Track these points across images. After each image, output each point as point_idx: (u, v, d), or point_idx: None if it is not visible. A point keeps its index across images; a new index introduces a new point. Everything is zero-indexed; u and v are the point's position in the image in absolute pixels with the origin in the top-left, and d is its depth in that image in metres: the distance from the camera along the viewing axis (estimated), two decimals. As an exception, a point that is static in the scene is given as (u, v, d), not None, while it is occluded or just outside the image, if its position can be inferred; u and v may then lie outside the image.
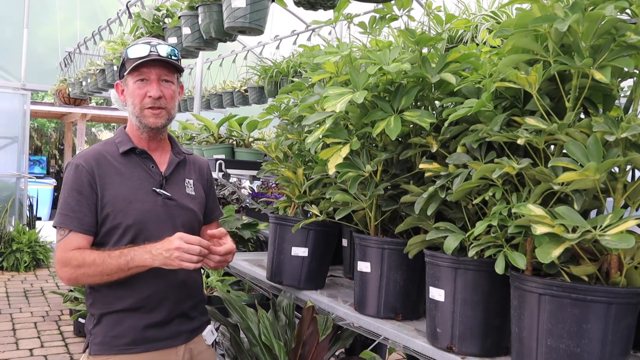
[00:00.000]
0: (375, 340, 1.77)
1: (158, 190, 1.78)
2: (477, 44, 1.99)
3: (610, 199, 1.22)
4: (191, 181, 1.89)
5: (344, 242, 2.27)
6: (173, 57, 1.78)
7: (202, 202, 1.92)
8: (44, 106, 10.16)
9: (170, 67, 1.78)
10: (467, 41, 2.48)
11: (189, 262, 1.59)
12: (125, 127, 1.87)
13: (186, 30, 2.75)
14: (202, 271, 2.91)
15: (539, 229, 1.08)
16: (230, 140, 2.90)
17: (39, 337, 4.75)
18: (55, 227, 1.73)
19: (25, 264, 7.02)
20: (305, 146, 1.72)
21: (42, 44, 7.90)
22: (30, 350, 4.46)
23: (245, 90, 4.82)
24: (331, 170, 1.62)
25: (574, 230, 1.09)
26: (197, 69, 5.09)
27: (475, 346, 1.41)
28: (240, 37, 5.55)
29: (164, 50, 1.77)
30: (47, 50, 7.84)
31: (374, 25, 1.74)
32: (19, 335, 4.77)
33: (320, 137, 1.63)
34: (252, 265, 2.53)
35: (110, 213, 1.72)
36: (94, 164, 1.74)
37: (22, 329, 4.93)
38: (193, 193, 1.88)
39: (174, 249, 1.58)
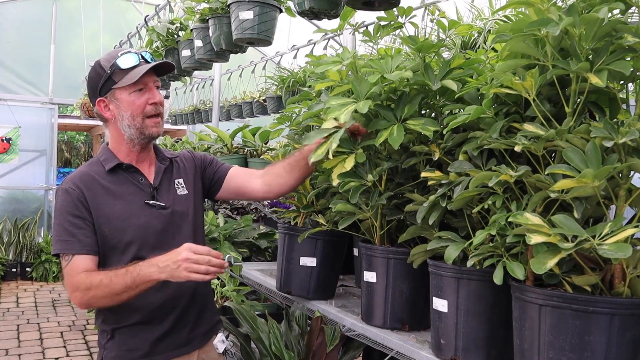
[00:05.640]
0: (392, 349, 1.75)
1: (151, 202, 1.76)
2: (486, 49, 1.97)
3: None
4: (181, 180, 1.86)
5: (355, 252, 2.25)
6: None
7: (199, 192, 1.90)
8: (72, 119, 10.36)
9: (157, 72, 1.76)
10: (479, 46, 2.45)
11: (197, 272, 1.54)
12: (107, 144, 1.83)
13: (198, 43, 2.77)
14: (217, 279, 2.92)
15: (534, 238, 1.05)
16: (244, 151, 2.91)
17: (64, 347, 4.83)
18: (56, 255, 1.70)
19: (54, 275, 7.15)
20: (310, 159, 1.66)
21: (69, 59, 8.08)
22: (56, 359, 4.53)
23: (264, 100, 4.84)
24: (335, 181, 1.60)
25: (572, 240, 1.06)
26: (215, 80, 5.13)
27: (479, 358, 1.38)
28: (259, 47, 5.58)
29: (147, 56, 1.74)
30: (75, 65, 8.01)
31: (377, 34, 1.72)
32: (45, 344, 4.85)
33: (326, 153, 1.58)
34: (264, 275, 2.53)
35: (107, 233, 1.69)
36: (83, 187, 1.71)
37: (48, 338, 5.02)
38: (186, 192, 1.85)
39: (182, 260, 1.53)
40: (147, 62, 1.72)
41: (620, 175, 1.15)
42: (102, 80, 1.73)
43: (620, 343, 1.09)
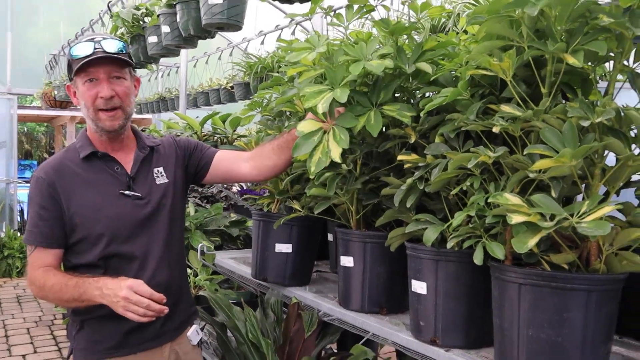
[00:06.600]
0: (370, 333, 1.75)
1: (126, 192, 1.72)
2: (457, 32, 1.97)
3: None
4: (161, 169, 1.82)
5: (330, 237, 2.25)
6: (121, 52, 1.69)
7: (181, 180, 1.87)
8: (32, 110, 10.08)
9: (119, 63, 1.69)
10: (449, 30, 2.46)
11: (134, 314, 1.52)
12: (86, 130, 1.79)
13: (165, 29, 2.71)
14: (190, 269, 2.89)
15: (515, 218, 1.06)
16: (214, 138, 2.88)
17: (32, 343, 4.72)
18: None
19: (18, 270, 6.97)
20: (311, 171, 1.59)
21: (28, 48, 7.85)
22: (23, 356, 4.43)
23: (232, 87, 4.79)
24: (312, 173, 1.55)
25: (551, 218, 1.07)
26: (181, 67, 5.05)
27: (458, 338, 1.40)
28: (225, 33, 5.51)
29: (110, 45, 1.67)
30: (34, 53, 7.79)
31: (346, 17, 1.70)
32: (11, 341, 4.74)
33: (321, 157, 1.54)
34: (238, 263, 2.51)
35: (79, 223, 1.67)
36: (54, 175, 1.67)
37: (14, 335, 4.90)
38: (165, 180, 1.81)
39: (122, 298, 1.52)
40: (104, 51, 1.66)
41: (595, 154, 1.17)
42: (67, 67, 1.74)
43: (597, 318, 1.11)
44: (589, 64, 1.26)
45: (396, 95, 1.68)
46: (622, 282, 1.14)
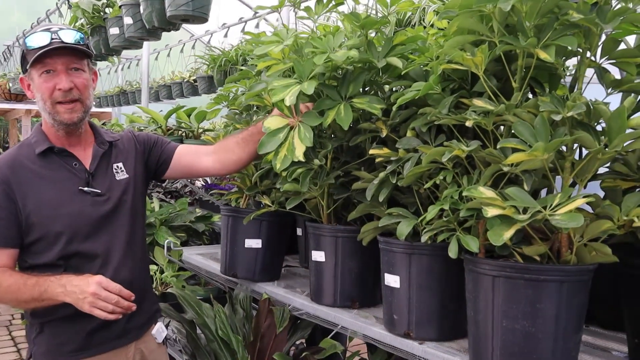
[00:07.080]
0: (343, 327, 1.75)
1: (85, 188, 1.67)
2: (425, 27, 1.98)
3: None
4: (120, 164, 1.77)
5: (299, 232, 2.24)
6: (79, 43, 1.63)
7: (141, 175, 1.83)
8: (-16, 103, 9.72)
9: (78, 54, 1.63)
10: (415, 24, 2.47)
11: (103, 310, 1.49)
12: (41, 125, 1.72)
13: (128, 20, 2.65)
14: (156, 267, 2.84)
15: (490, 212, 1.07)
16: (180, 132, 2.83)
17: (-12, 344, 4.58)
18: None
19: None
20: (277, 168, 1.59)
21: (-22, 38, 7.57)
22: (-20, 358, 4.29)
23: (195, 81, 4.72)
24: (278, 168, 1.54)
25: (524, 211, 1.08)
26: (143, 60, 4.95)
27: (432, 331, 1.41)
28: (187, 26, 5.42)
29: (68, 36, 1.61)
30: (-15, 44, 7.51)
31: (315, 10, 1.69)
32: (-33, 343, 4.59)
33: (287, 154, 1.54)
34: (206, 259, 2.48)
35: (35, 222, 1.60)
36: (9, 172, 1.61)
37: (-30, 336, 4.74)
38: (125, 176, 1.77)
39: (90, 294, 1.48)
40: (62, 42, 1.60)
41: (565, 148, 1.19)
42: (21, 58, 1.66)
43: (569, 308, 1.14)
44: (557, 58, 1.28)
45: (366, 89, 1.68)
46: (592, 273, 1.17)
